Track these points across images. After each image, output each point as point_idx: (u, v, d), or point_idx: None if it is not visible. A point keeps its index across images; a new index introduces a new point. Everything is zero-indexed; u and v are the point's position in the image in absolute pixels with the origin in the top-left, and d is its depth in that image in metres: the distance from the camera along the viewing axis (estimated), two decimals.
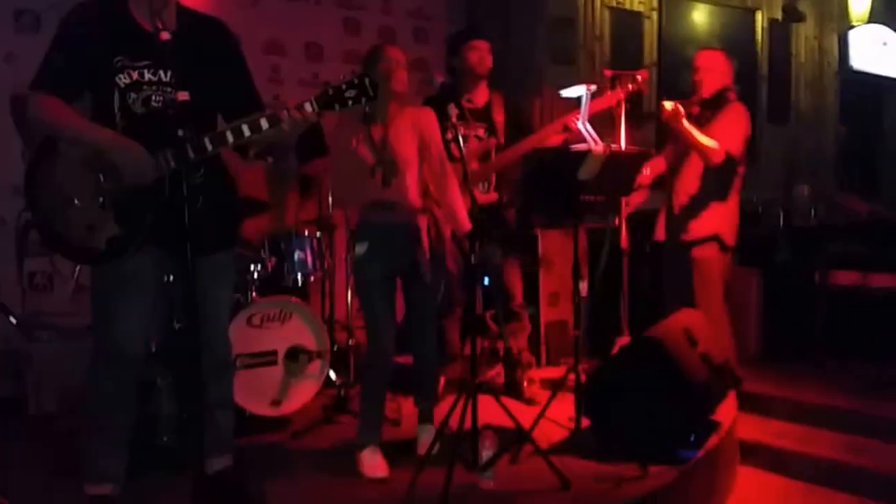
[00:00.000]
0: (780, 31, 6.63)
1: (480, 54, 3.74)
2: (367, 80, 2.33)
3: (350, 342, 3.86)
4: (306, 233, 3.76)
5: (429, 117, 3.06)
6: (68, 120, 2.34)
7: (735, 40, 6.25)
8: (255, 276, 3.53)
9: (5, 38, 3.96)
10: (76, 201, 2.33)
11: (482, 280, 3.74)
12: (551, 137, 3.52)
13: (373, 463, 2.93)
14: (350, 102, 2.34)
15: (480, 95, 3.80)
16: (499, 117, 3.77)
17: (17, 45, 3.99)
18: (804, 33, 6.78)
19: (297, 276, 3.67)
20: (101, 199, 2.33)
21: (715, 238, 3.79)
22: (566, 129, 3.46)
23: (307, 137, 4.05)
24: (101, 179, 2.33)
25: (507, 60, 5.47)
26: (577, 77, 5.42)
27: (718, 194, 3.79)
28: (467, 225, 2.98)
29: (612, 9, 5.70)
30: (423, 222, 2.98)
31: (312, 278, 3.78)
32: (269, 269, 3.59)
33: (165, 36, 2.18)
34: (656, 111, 4.55)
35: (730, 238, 3.83)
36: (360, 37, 5.16)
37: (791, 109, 6.74)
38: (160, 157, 2.30)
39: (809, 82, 6.85)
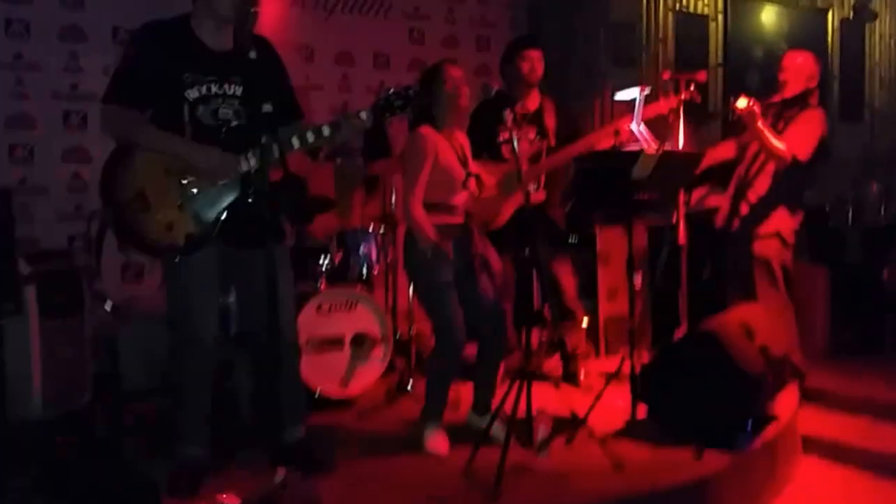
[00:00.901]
0: (852, 30, 6.50)
1: (532, 64, 3.88)
2: (410, 92, 2.59)
3: (411, 331, 4.03)
4: (371, 228, 3.97)
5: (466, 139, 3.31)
6: (145, 132, 2.57)
7: (805, 40, 6.15)
8: (324, 267, 3.74)
9: (103, 53, 4.31)
10: (155, 203, 2.55)
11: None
12: (602, 141, 3.61)
13: (436, 440, 3.09)
14: (398, 111, 2.59)
15: (532, 100, 3.95)
16: (550, 121, 3.90)
17: (114, 59, 4.33)
18: (879, 31, 6.62)
19: (362, 268, 3.88)
20: (178, 201, 2.57)
21: (776, 235, 3.82)
22: (617, 133, 3.54)
23: (373, 140, 4.29)
24: (178, 183, 2.57)
25: (569, 64, 5.59)
26: (640, 80, 5.48)
27: (787, 197, 3.82)
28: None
29: (676, 12, 5.73)
30: (476, 224, 3.17)
31: (376, 270, 3.98)
32: (337, 261, 3.81)
33: (254, 55, 2.42)
34: (724, 110, 4.54)
35: (790, 236, 3.84)
36: (425, 46, 5.36)
37: (865, 108, 6.59)
38: (241, 160, 2.55)
39: (885, 80, 6.68)
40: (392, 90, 2.58)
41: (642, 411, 3.32)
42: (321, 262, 3.73)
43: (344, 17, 5.07)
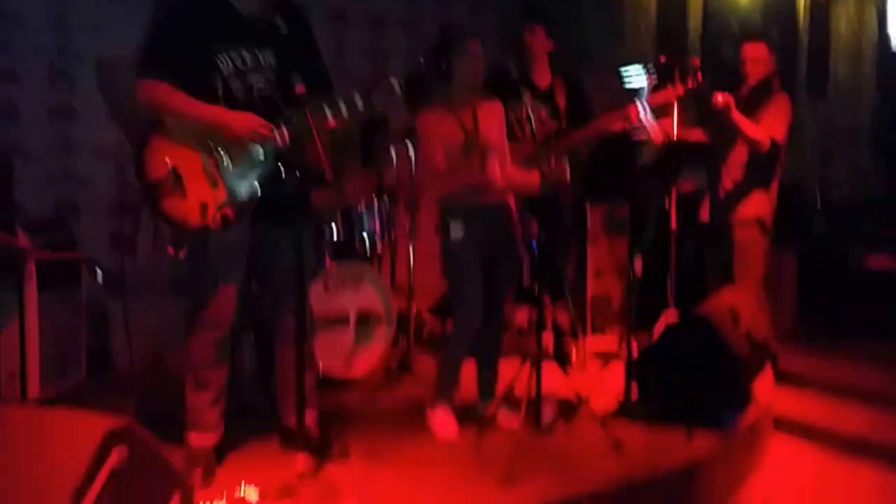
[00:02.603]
0: (821, 5, 6.64)
1: (537, 37, 3.86)
2: (443, 66, 2.60)
3: (411, 307, 4.07)
4: (375, 203, 3.94)
5: (500, 109, 3.27)
6: (183, 102, 2.48)
7: (776, 12, 6.30)
8: (329, 243, 3.73)
9: (91, 8, 4.10)
10: (188, 181, 2.50)
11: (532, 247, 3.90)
12: (613, 124, 3.64)
13: (444, 421, 3.18)
14: (428, 85, 2.58)
15: (543, 77, 3.92)
16: (561, 101, 3.89)
17: (101, 14, 4.13)
18: (845, 7, 6.79)
19: (366, 243, 3.87)
20: (212, 179, 2.52)
21: (757, 221, 4.01)
22: (628, 118, 3.56)
23: None
24: (212, 160, 2.51)
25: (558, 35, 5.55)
26: (625, 52, 5.51)
27: (762, 181, 4.01)
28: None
29: None
30: (510, 202, 3.16)
31: (380, 246, 3.98)
32: (341, 236, 3.79)
33: (284, 24, 2.37)
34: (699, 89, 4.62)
35: (770, 221, 4.05)
36: (421, 6, 5.24)
37: (829, 82, 6.79)
38: (273, 133, 2.48)
39: (848, 54, 6.88)
40: (423, 61, 2.55)
41: (634, 391, 3.49)
42: (325, 237, 3.72)
43: None
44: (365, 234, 3.87)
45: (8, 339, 3.14)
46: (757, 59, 3.99)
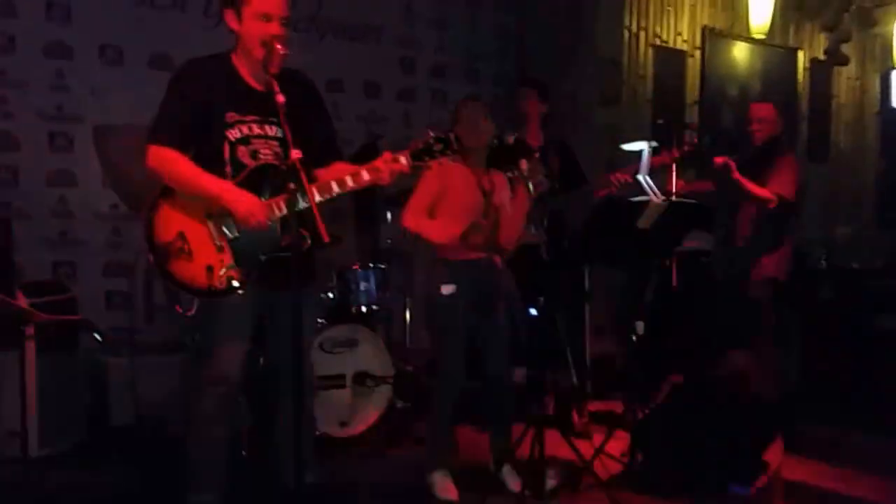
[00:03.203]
0: (821, 71, 6.73)
1: (529, 101, 3.98)
2: (452, 136, 2.58)
3: (409, 368, 4.01)
4: (371, 265, 3.94)
5: (505, 180, 3.32)
6: (188, 171, 2.53)
7: (776, 79, 6.35)
8: (326, 304, 3.71)
9: (90, 72, 4.17)
10: (194, 245, 2.54)
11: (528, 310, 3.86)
12: (602, 189, 3.67)
13: (443, 486, 3.10)
14: (437, 155, 2.58)
15: (536, 139, 4.00)
16: (554, 162, 3.93)
17: (101, 78, 4.22)
18: (845, 73, 6.87)
19: (362, 305, 3.85)
20: (217, 244, 2.55)
21: (771, 281, 3.97)
22: (619, 183, 3.59)
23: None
24: (218, 225, 2.55)
25: (554, 97, 5.66)
26: (622, 116, 5.59)
27: (773, 239, 3.98)
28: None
29: (655, 48, 5.85)
30: (499, 261, 3.15)
31: (376, 307, 3.95)
32: (338, 298, 3.77)
33: (282, 98, 2.37)
34: (698, 150, 4.66)
35: (783, 279, 4.01)
36: (415, 75, 5.36)
37: (831, 148, 6.83)
38: (272, 205, 2.51)
39: (849, 121, 6.94)
40: (433, 134, 2.57)
41: (640, 458, 3.37)
42: (322, 299, 3.70)
43: (335, 43, 5.02)
44: (362, 295, 3.84)
45: (9, 399, 3.14)
46: (763, 118, 4.06)
